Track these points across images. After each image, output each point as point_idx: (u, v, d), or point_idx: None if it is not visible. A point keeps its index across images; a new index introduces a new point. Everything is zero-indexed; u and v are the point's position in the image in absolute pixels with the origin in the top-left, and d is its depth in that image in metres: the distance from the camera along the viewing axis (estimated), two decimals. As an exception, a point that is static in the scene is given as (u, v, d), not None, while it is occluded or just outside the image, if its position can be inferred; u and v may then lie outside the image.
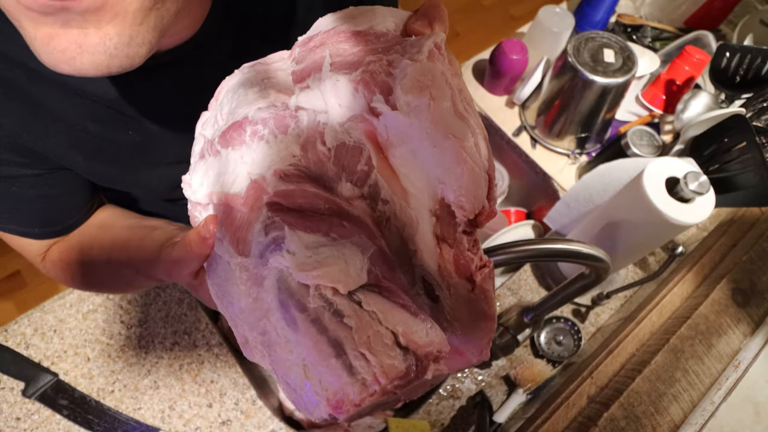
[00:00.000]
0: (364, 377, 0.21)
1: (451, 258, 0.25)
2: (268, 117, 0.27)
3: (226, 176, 0.27)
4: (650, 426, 0.52)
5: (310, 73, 0.27)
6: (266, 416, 0.67)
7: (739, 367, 0.56)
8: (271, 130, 0.26)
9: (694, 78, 0.90)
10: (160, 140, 0.49)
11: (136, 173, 0.52)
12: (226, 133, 0.28)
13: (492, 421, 0.67)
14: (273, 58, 0.31)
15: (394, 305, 0.23)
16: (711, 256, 0.70)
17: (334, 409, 0.21)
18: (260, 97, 0.28)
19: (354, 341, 0.21)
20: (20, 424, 0.63)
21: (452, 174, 0.23)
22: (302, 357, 0.22)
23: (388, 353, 0.21)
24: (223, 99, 0.30)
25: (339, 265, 0.23)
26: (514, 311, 0.66)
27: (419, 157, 0.24)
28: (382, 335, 0.22)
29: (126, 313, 0.72)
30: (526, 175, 0.98)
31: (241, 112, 0.28)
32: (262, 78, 0.29)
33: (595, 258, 0.44)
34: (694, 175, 0.54)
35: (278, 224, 0.24)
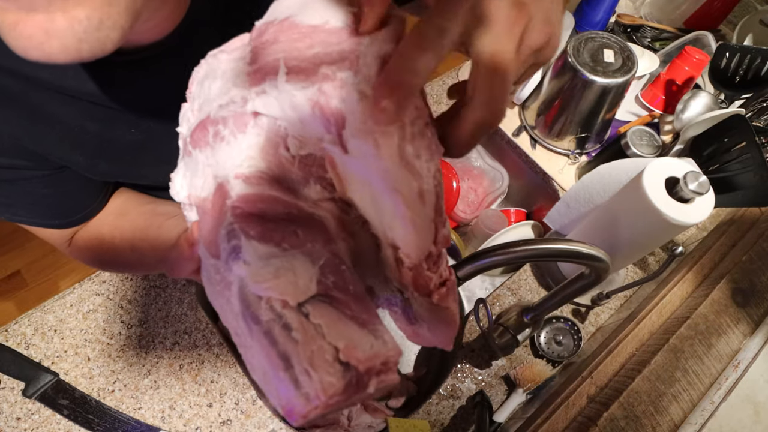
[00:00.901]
0: (307, 391, 0.21)
1: (409, 278, 0.25)
2: (227, 115, 0.26)
3: (196, 179, 0.27)
4: (650, 426, 0.52)
5: (265, 78, 0.25)
6: (266, 416, 0.67)
7: (738, 367, 0.56)
8: (231, 130, 0.26)
9: (693, 78, 0.90)
10: (163, 137, 0.49)
11: (141, 170, 0.53)
12: (194, 133, 0.27)
13: (492, 420, 0.67)
14: (233, 44, 0.28)
15: (341, 316, 0.23)
16: (711, 256, 0.70)
17: (288, 416, 0.22)
18: (221, 93, 0.26)
19: (299, 356, 0.21)
20: (21, 423, 0.63)
21: (397, 227, 0.23)
22: (261, 365, 0.23)
23: (327, 369, 0.21)
24: (195, 92, 0.29)
25: (288, 277, 0.23)
26: (514, 311, 0.66)
27: (374, 200, 0.24)
28: (324, 351, 0.22)
29: (126, 313, 0.72)
30: (525, 175, 0.99)
31: (205, 110, 0.27)
32: (223, 70, 0.27)
33: (595, 258, 0.44)
34: (693, 175, 0.54)
35: (236, 232, 0.24)
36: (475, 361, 0.73)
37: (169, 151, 0.53)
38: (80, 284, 0.73)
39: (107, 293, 0.73)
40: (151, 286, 0.74)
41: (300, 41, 0.25)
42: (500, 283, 0.81)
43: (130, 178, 0.54)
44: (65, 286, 1.34)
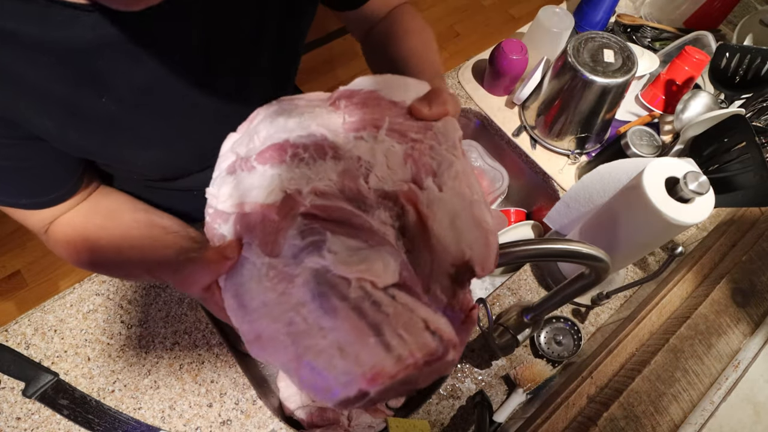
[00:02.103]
0: (400, 353, 0.25)
1: (462, 295, 0.31)
2: (308, 143, 0.32)
3: (260, 189, 0.31)
4: (650, 426, 0.52)
5: (365, 128, 0.33)
6: (266, 416, 0.67)
7: (738, 367, 0.56)
8: (311, 154, 0.32)
9: (693, 78, 0.90)
10: (137, 114, 0.48)
11: (118, 150, 0.51)
12: (265, 152, 0.32)
13: (492, 420, 0.67)
14: (310, 97, 0.36)
15: (419, 303, 0.27)
16: (711, 256, 0.70)
17: (370, 382, 0.25)
18: (300, 127, 0.33)
19: (391, 324, 0.26)
20: (21, 423, 0.63)
21: (480, 250, 0.30)
22: (338, 340, 0.26)
23: (420, 334, 0.26)
24: (260, 124, 0.34)
25: (378, 264, 0.27)
26: (514, 311, 0.66)
27: (455, 227, 0.31)
28: (415, 321, 0.26)
29: (126, 313, 0.72)
30: (525, 175, 0.99)
31: (280, 137, 0.32)
32: (301, 112, 0.34)
33: (595, 258, 0.44)
34: (693, 175, 0.54)
35: (317, 230, 0.29)
36: (475, 361, 0.73)
37: (146, 135, 0.52)
38: (80, 284, 0.73)
39: (107, 293, 0.73)
40: (151, 286, 0.74)
41: (389, 110, 0.34)
42: (500, 283, 0.81)
43: (106, 157, 0.52)
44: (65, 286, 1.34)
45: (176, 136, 0.55)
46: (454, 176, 0.32)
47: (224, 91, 0.54)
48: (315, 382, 0.26)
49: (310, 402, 0.73)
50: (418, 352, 0.25)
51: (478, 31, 2.34)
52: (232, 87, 0.55)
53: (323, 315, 0.26)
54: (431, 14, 2.38)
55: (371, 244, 0.29)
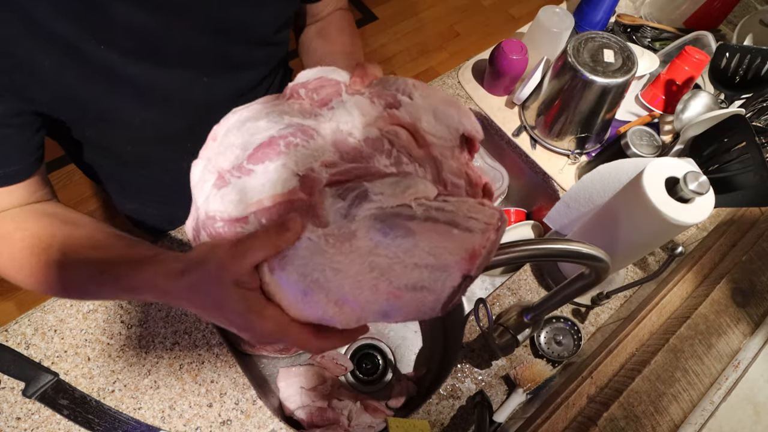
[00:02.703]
0: (481, 227, 0.30)
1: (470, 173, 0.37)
2: (294, 130, 0.34)
3: (271, 182, 0.33)
4: (650, 426, 0.52)
5: (331, 99, 0.38)
6: (266, 416, 0.67)
7: (738, 367, 0.56)
8: (302, 138, 0.34)
9: (693, 78, 0.90)
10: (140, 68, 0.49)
11: (114, 103, 0.50)
12: (256, 153, 0.34)
13: (492, 420, 0.67)
14: (262, 101, 0.39)
15: (461, 198, 0.33)
16: (711, 256, 0.70)
17: (469, 261, 0.30)
18: (275, 123, 0.35)
19: (461, 215, 0.31)
20: (20, 423, 0.63)
21: (465, 118, 0.38)
22: (425, 250, 0.30)
23: (483, 210, 0.32)
24: (227, 137, 0.36)
25: (419, 184, 0.32)
26: (514, 311, 0.67)
27: (438, 118, 0.37)
28: (473, 205, 0.32)
29: (126, 313, 0.72)
30: (525, 175, 0.98)
31: (261, 136, 0.34)
32: (266, 113, 0.36)
33: (595, 258, 0.44)
34: (693, 175, 0.54)
35: (352, 186, 0.33)
36: (475, 361, 0.73)
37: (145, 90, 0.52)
38: (80, 284, 0.73)
39: (107, 293, 0.73)
40: (151, 286, 0.74)
41: (339, 85, 0.39)
42: (500, 283, 0.81)
43: (101, 111, 0.51)
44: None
45: (175, 91, 0.56)
46: (413, 86, 0.38)
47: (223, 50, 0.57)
48: (420, 300, 0.30)
49: (310, 402, 0.73)
50: (492, 220, 0.31)
51: (478, 31, 2.34)
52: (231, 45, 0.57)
53: (402, 239, 0.30)
54: (431, 14, 2.38)
55: (402, 173, 0.34)
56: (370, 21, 2.31)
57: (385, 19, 2.32)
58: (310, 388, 0.75)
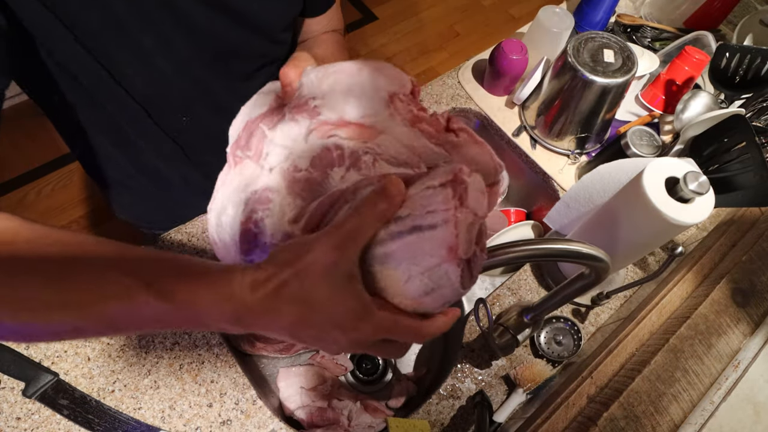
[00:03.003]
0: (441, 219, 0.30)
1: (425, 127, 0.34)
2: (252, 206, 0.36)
3: None
4: (650, 426, 0.52)
5: (261, 146, 0.37)
6: (266, 416, 0.67)
7: (738, 367, 0.56)
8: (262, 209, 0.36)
9: (693, 78, 0.90)
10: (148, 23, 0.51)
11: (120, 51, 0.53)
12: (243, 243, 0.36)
13: (492, 420, 0.67)
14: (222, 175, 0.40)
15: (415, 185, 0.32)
16: (711, 256, 0.70)
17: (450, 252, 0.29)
18: (238, 207, 0.37)
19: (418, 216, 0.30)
20: (20, 423, 0.63)
21: (383, 81, 0.35)
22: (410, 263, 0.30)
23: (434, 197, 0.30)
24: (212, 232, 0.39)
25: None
26: (514, 311, 0.67)
27: (358, 98, 0.35)
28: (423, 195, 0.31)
29: (126, 313, 0.72)
30: (525, 175, 0.98)
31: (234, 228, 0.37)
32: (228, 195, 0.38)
33: (595, 258, 0.44)
34: (693, 175, 0.54)
35: None
36: (475, 361, 0.73)
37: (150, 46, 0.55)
38: (80, 284, 0.73)
39: (107, 293, 0.73)
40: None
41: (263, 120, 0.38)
42: (500, 283, 0.81)
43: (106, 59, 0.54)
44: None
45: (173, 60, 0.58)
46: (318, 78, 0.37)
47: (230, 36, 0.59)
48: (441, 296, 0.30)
49: (310, 402, 0.73)
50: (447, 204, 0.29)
51: (478, 31, 2.34)
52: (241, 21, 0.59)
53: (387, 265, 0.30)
54: (431, 14, 2.38)
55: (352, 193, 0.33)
56: (370, 21, 2.31)
57: (385, 19, 2.32)
58: (310, 388, 0.75)
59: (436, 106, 0.98)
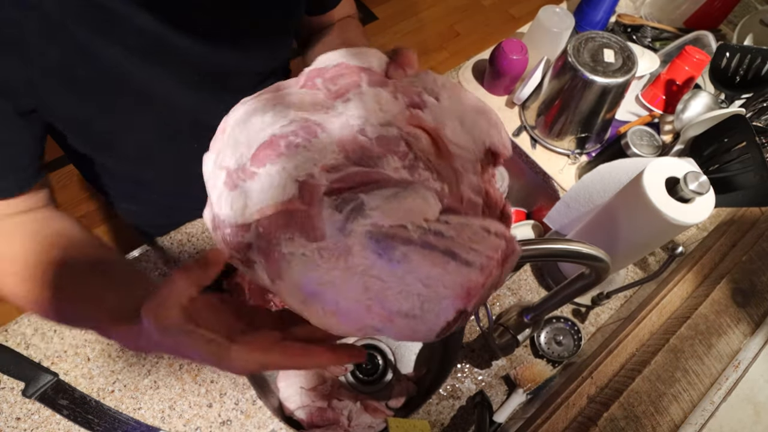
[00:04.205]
0: (481, 262, 0.28)
1: (491, 191, 0.35)
2: (296, 128, 0.32)
3: (271, 189, 0.31)
4: (650, 426, 0.52)
5: (348, 90, 0.34)
6: (266, 416, 0.67)
7: (739, 367, 0.56)
8: (304, 137, 0.31)
9: (694, 78, 0.90)
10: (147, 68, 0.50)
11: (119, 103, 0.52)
12: (258, 154, 0.31)
13: (492, 421, 0.67)
14: (275, 88, 0.36)
15: (469, 217, 0.30)
16: (711, 256, 0.70)
17: (465, 299, 0.27)
18: (278, 118, 0.32)
19: (461, 244, 0.28)
20: (20, 424, 0.63)
21: (495, 131, 0.35)
22: (419, 279, 0.28)
23: (487, 239, 0.29)
24: (233, 132, 0.33)
25: (418, 201, 0.29)
26: (514, 311, 0.66)
27: (465, 127, 0.34)
28: (477, 232, 0.29)
29: (126, 313, 0.72)
30: (526, 175, 0.98)
31: (264, 134, 0.32)
32: (273, 104, 0.34)
33: (595, 258, 0.44)
34: (694, 175, 0.54)
35: (349, 198, 0.30)
36: (475, 361, 0.73)
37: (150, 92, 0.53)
38: (80, 284, 0.73)
39: (107, 293, 0.73)
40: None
41: (362, 72, 0.35)
42: (500, 283, 0.81)
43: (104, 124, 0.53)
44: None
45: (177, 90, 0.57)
46: (442, 86, 0.35)
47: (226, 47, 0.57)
48: (413, 328, 0.29)
49: (310, 402, 0.73)
50: (495, 254, 0.28)
51: (478, 31, 2.34)
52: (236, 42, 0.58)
53: (397, 265, 0.28)
54: (431, 14, 2.38)
55: (403, 186, 0.30)
56: (370, 21, 2.31)
57: (385, 19, 2.32)
58: (310, 388, 0.75)
59: (436, 106, 0.98)
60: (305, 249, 0.30)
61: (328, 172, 0.31)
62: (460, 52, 2.24)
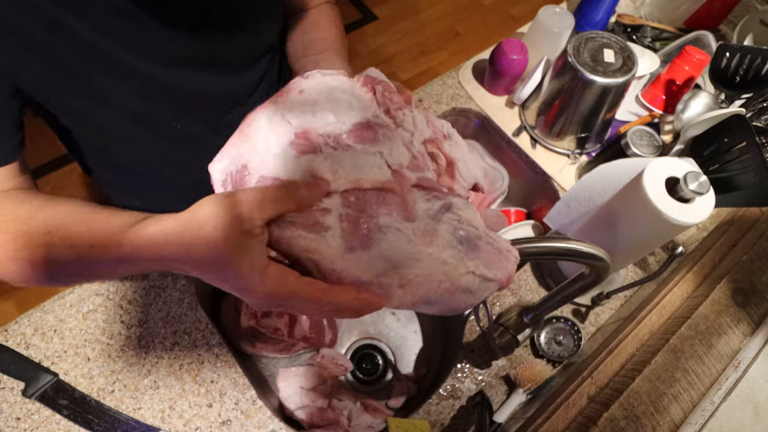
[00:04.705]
0: (514, 256, 0.39)
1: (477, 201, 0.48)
2: (383, 123, 0.36)
3: (367, 168, 0.34)
4: (650, 426, 0.52)
5: (403, 107, 0.40)
6: (266, 416, 0.67)
7: (739, 367, 0.56)
8: (389, 134, 0.36)
9: (694, 78, 0.90)
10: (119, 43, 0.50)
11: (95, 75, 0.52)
12: (357, 131, 0.35)
13: (492, 421, 0.67)
14: (342, 74, 0.39)
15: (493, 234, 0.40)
16: (711, 256, 0.70)
17: (507, 280, 0.37)
18: (366, 107, 0.36)
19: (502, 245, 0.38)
20: (20, 424, 0.63)
21: (479, 171, 0.44)
22: (484, 263, 0.36)
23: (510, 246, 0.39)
24: (311, 95, 0.36)
25: (475, 212, 0.39)
26: (514, 311, 0.66)
27: (467, 165, 0.42)
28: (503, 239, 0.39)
29: (126, 313, 0.72)
30: (526, 175, 0.98)
31: (357, 115, 0.35)
32: (351, 92, 0.37)
33: (595, 257, 0.44)
34: (694, 175, 0.54)
35: (439, 195, 0.36)
36: (475, 361, 0.73)
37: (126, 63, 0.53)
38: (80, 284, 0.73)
39: (107, 293, 0.73)
40: (151, 286, 0.74)
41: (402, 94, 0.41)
42: (500, 283, 0.81)
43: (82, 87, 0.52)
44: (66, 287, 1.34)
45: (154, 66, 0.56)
46: (450, 128, 0.43)
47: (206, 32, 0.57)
48: (463, 300, 0.36)
49: (310, 402, 0.73)
50: (517, 257, 0.39)
51: (478, 31, 2.34)
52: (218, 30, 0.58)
53: (471, 250, 0.36)
54: (431, 14, 2.38)
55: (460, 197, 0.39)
56: (370, 21, 2.31)
57: (385, 19, 2.32)
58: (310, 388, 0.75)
59: (437, 105, 0.98)
60: (399, 224, 0.33)
61: (410, 169, 0.36)
62: (460, 52, 2.24)
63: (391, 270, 0.33)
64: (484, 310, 0.67)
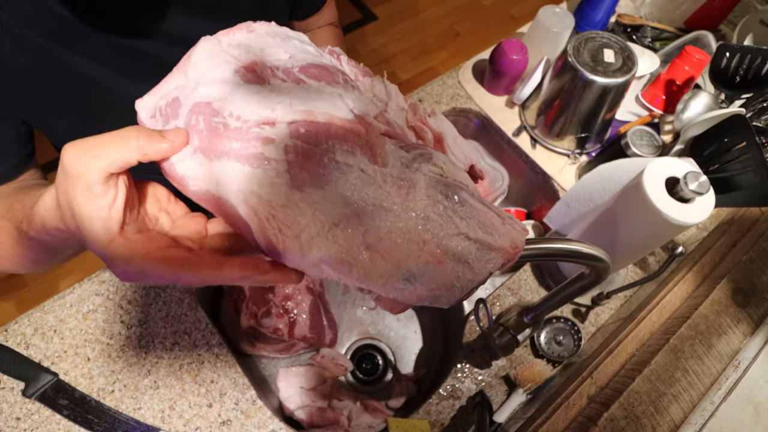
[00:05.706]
0: (520, 226, 0.31)
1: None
2: (347, 72, 0.33)
3: (325, 104, 0.28)
4: (650, 426, 0.52)
5: (372, 75, 0.36)
6: (266, 416, 0.67)
7: (739, 367, 0.56)
8: (352, 85, 0.32)
9: (694, 78, 0.90)
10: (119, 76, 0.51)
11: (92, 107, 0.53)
12: (311, 68, 0.31)
13: (492, 421, 0.67)
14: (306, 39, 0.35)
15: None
16: (711, 256, 0.70)
17: (513, 251, 0.30)
18: (325, 57, 0.33)
19: (503, 214, 0.31)
20: (20, 424, 0.63)
21: (475, 154, 0.39)
22: (480, 224, 0.29)
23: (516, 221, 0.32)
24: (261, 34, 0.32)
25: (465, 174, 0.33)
26: (514, 311, 0.66)
27: (457, 143, 0.37)
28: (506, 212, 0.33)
29: (126, 313, 0.72)
30: (526, 175, 0.98)
31: (313, 59, 0.32)
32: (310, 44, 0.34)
33: (595, 258, 0.44)
34: (694, 175, 0.54)
35: (415, 145, 0.31)
36: (475, 361, 0.73)
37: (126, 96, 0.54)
38: (80, 284, 0.73)
39: (107, 293, 0.73)
40: (150, 286, 0.74)
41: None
42: (500, 283, 0.81)
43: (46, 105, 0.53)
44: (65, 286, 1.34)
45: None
46: (433, 111, 0.39)
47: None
48: (456, 274, 0.28)
49: (310, 402, 0.73)
50: (524, 229, 0.32)
51: (478, 31, 2.34)
52: None
53: (461, 207, 0.29)
54: (431, 14, 2.38)
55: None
56: (370, 21, 2.31)
57: (385, 19, 2.32)
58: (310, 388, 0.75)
59: (437, 105, 0.98)
60: (365, 166, 0.27)
61: (378, 120, 0.30)
62: (460, 52, 2.24)
63: (353, 218, 0.26)
64: (484, 310, 0.67)
